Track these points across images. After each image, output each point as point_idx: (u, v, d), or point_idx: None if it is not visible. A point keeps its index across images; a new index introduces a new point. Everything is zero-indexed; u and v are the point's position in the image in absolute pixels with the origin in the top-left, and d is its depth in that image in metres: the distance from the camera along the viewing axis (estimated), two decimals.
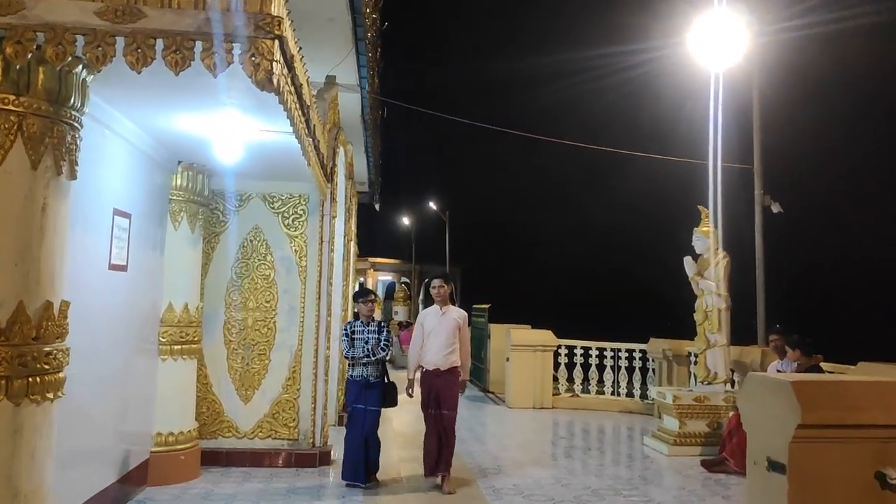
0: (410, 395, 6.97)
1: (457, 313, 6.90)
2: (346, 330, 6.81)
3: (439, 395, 6.68)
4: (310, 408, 7.43)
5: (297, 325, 7.49)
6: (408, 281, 36.75)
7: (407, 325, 19.11)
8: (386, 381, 6.83)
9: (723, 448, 8.11)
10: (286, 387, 7.43)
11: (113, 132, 5.22)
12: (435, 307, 6.95)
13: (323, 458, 7.40)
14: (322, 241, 7.64)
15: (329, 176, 7.75)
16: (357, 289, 11.95)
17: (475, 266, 41.77)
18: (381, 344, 6.73)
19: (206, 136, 5.49)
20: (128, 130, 5.40)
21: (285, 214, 7.58)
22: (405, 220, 38.25)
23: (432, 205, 32.43)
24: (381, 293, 34.90)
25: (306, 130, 5.39)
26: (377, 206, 19.68)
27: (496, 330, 14.64)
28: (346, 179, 10.99)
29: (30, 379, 3.30)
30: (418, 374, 6.94)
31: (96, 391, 5.25)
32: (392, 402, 6.88)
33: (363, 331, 6.75)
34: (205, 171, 6.90)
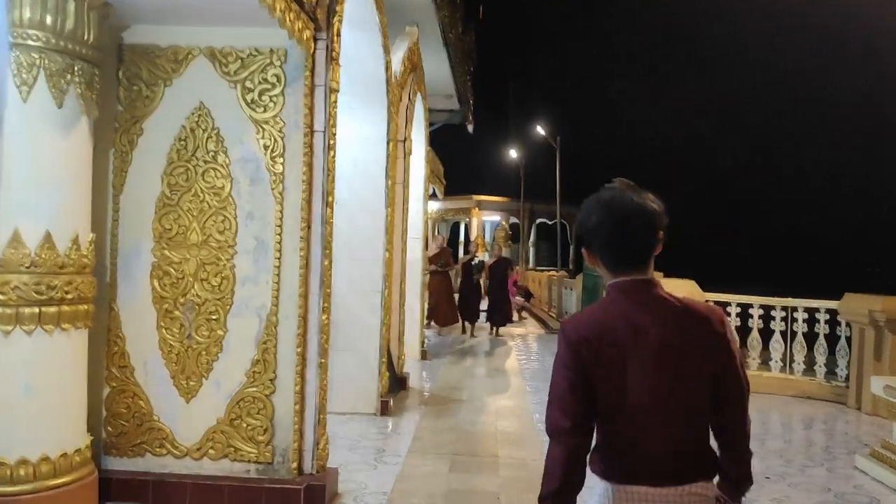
0: None
1: None
2: None
3: None
4: (292, 409, 4.40)
5: (269, 273, 4.43)
6: (517, 221, 33.32)
7: (498, 267, 13.92)
8: None
9: None
10: (253, 375, 4.43)
11: None
12: None
13: (315, 497, 4.39)
14: (312, 131, 4.48)
15: (321, 16, 4.52)
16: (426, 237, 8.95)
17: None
18: None
19: None
20: None
21: (248, 85, 4.45)
22: (513, 153, 34.58)
23: (540, 129, 28.30)
24: (487, 236, 31.71)
25: None
26: (470, 128, 16.27)
27: None
28: (402, 64, 7.81)
29: None
30: None
31: None
32: None
33: None
34: None
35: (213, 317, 4.45)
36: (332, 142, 4.60)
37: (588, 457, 1.85)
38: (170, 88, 4.49)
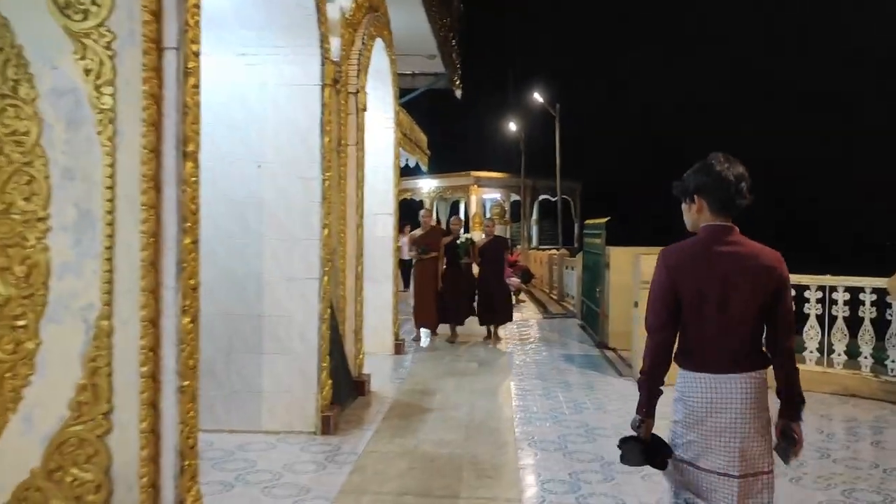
0: None
1: None
2: None
3: None
4: (137, 456, 3.01)
5: (97, 258, 3.02)
6: (518, 198, 31.76)
7: (491, 249, 10.62)
8: None
9: None
10: (78, 407, 3.04)
11: None
12: None
13: None
14: (158, 48, 3.05)
15: None
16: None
17: (599, 178, 35.90)
18: None
19: None
20: None
21: None
22: (512, 126, 32.93)
23: (538, 96, 26.52)
24: (486, 214, 30.19)
25: None
26: (458, 93, 14.79)
27: (618, 256, 9.72)
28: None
29: None
30: None
31: None
32: None
33: None
34: None
35: (20, 323, 3.05)
36: (191, 65, 3.15)
37: (674, 352, 2.66)
38: None
